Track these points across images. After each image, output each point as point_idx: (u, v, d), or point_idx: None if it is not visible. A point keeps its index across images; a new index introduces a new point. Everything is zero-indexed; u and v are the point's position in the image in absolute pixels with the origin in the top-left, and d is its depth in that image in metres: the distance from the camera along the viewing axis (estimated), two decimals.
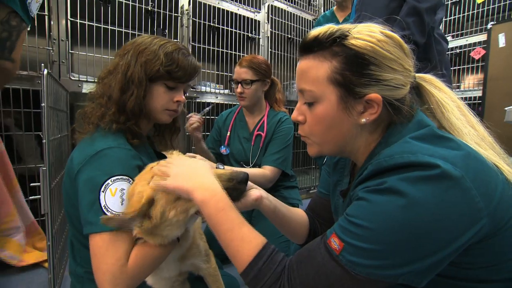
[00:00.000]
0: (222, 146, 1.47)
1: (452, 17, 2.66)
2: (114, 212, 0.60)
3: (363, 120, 0.51)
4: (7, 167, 1.28)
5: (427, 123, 0.50)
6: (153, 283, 0.74)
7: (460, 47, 2.63)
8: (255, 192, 0.63)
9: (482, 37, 2.45)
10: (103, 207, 0.59)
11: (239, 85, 1.33)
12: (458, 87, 2.72)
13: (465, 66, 2.60)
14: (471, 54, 2.50)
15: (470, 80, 2.65)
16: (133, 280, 0.59)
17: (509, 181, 0.46)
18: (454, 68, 2.68)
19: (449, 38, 2.72)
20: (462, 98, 2.81)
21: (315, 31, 0.52)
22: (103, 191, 0.60)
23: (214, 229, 0.53)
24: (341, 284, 0.43)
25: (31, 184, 0.91)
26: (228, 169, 0.64)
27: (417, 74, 0.55)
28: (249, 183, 0.65)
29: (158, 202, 0.56)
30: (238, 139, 1.45)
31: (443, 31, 2.74)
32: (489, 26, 2.27)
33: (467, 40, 2.59)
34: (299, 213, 0.74)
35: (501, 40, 2.21)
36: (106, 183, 0.60)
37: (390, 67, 0.49)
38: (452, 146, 0.45)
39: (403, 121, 0.51)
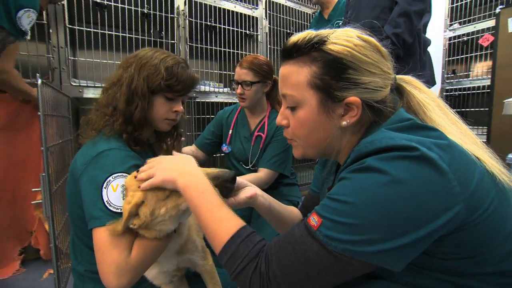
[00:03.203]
0: (224, 144, 1.48)
1: (459, 3, 2.56)
2: (116, 206, 0.64)
3: (344, 122, 0.52)
4: None
5: (408, 118, 0.50)
6: (153, 278, 0.77)
7: (468, 34, 2.53)
8: (250, 189, 0.64)
9: (491, 23, 2.35)
10: (105, 202, 0.63)
11: (239, 86, 1.32)
12: (467, 76, 2.63)
13: (473, 54, 2.50)
14: (479, 41, 2.41)
15: (479, 69, 2.56)
16: (137, 272, 0.62)
17: (490, 172, 0.46)
18: (462, 56, 2.59)
19: (456, 25, 2.63)
20: (470, 87, 2.70)
21: (294, 37, 0.55)
22: (105, 188, 0.64)
23: (195, 212, 0.54)
24: (318, 261, 0.43)
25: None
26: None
27: (397, 76, 0.57)
28: (244, 181, 0.67)
29: (148, 203, 0.60)
30: (239, 138, 1.44)
31: (449, 18, 2.67)
32: (497, 10, 2.17)
33: (475, 27, 2.49)
34: (293, 211, 0.75)
35: (511, 25, 2.11)
36: (108, 179, 0.65)
37: (368, 71, 0.50)
38: (433, 135, 0.46)
39: (385, 120, 0.52)
